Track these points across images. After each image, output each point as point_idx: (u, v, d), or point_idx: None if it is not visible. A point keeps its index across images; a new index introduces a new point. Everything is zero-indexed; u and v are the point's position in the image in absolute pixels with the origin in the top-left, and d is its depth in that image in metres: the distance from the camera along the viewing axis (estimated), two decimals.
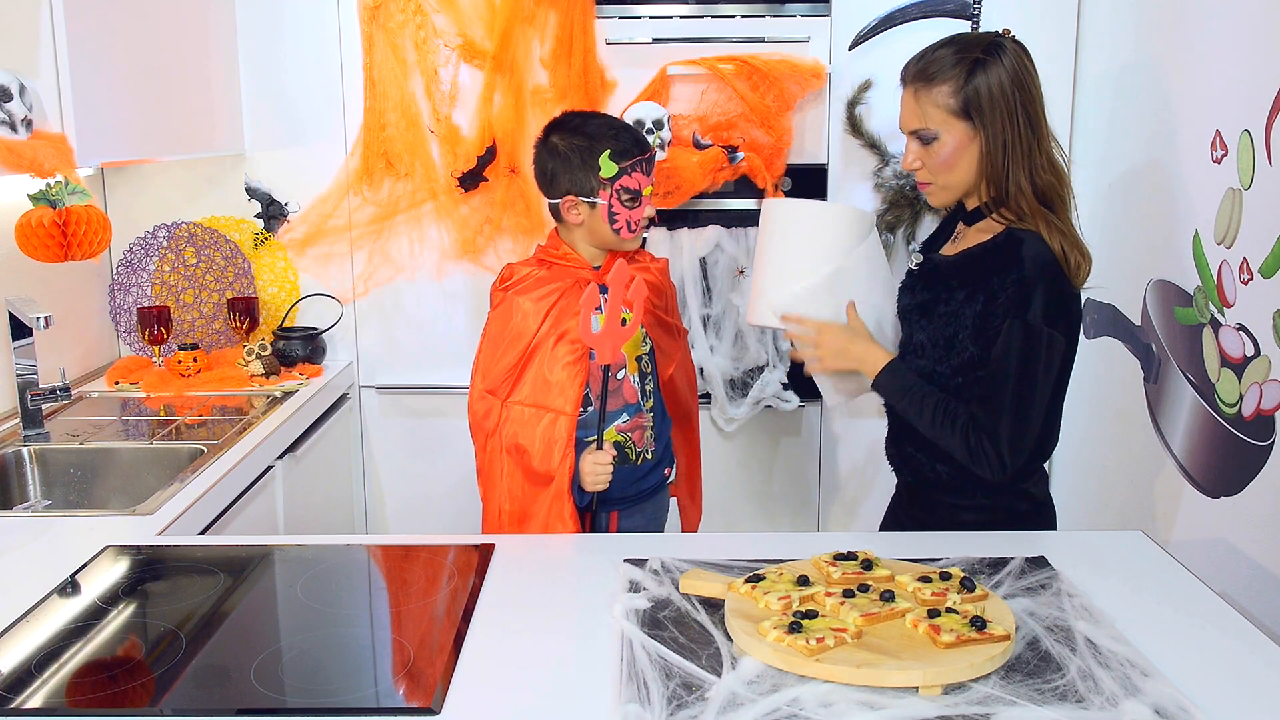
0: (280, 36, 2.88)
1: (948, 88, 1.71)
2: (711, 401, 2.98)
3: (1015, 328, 1.67)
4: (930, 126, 1.73)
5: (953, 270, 1.79)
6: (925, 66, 1.74)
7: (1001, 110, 1.69)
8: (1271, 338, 1.90)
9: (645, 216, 1.97)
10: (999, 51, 1.71)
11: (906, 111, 1.77)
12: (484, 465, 1.97)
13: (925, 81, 1.73)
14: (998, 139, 1.71)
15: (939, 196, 1.80)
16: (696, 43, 2.83)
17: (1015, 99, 1.70)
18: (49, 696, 1.27)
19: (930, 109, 1.73)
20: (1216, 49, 2.11)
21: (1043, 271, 1.67)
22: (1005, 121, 1.70)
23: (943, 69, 1.72)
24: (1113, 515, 2.60)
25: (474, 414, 1.98)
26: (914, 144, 1.78)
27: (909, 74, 1.77)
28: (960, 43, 1.74)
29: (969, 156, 1.74)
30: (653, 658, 1.31)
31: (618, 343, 1.85)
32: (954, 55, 1.72)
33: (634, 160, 1.93)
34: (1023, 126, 1.70)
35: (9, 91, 2.02)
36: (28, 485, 2.26)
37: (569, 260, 1.99)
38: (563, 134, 1.96)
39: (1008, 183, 1.72)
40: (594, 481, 1.90)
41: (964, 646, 1.29)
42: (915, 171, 1.80)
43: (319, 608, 1.50)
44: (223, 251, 2.98)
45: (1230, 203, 2.03)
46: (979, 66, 1.70)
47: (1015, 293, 1.67)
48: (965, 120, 1.71)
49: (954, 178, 1.76)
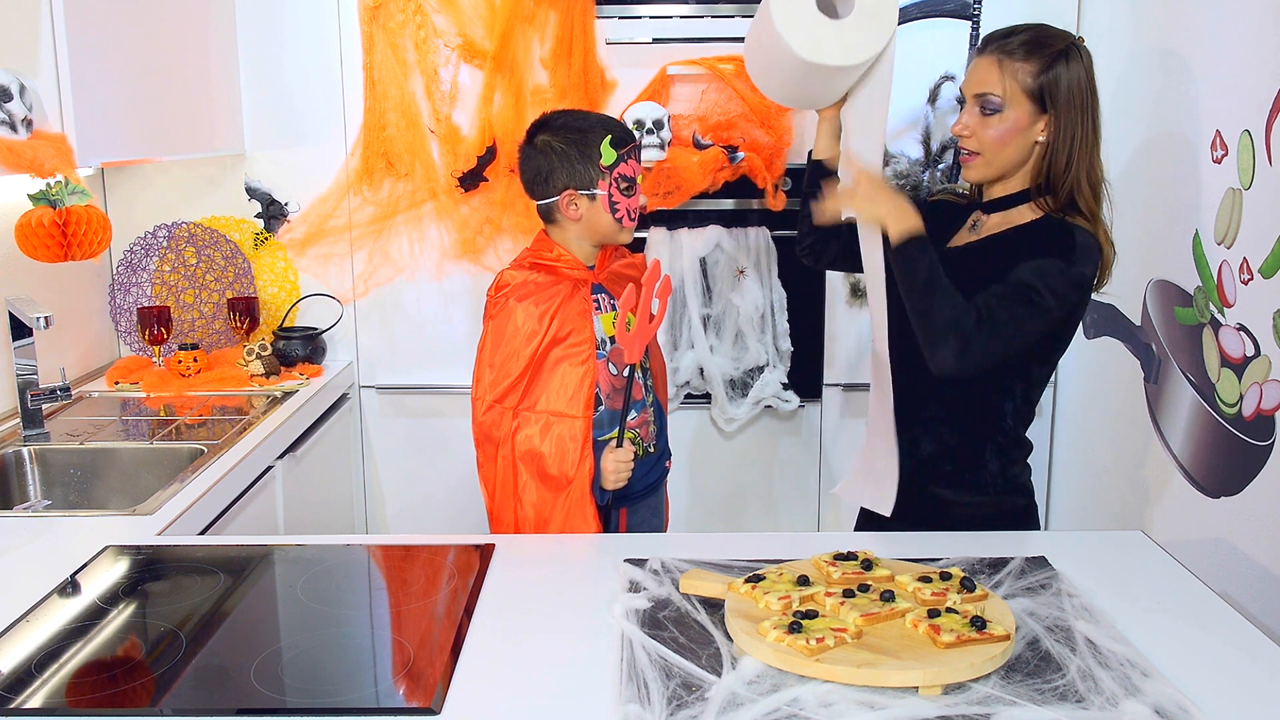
0: (280, 36, 2.88)
1: (1032, 66, 1.72)
2: (711, 401, 2.98)
3: (1056, 264, 1.67)
4: (1001, 96, 1.74)
5: (982, 252, 1.79)
6: (1010, 40, 1.75)
7: (1077, 105, 1.72)
8: (1271, 338, 1.90)
9: (640, 205, 1.99)
10: (1080, 51, 1.74)
11: (980, 75, 1.77)
12: (494, 476, 1.95)
13: (1007, 54, 1.74)
14: (1068, 132, 1.72)
15: (979, 170, 1.80)
16: (696, 43, 2.83)
17: (1087, 99, 1.73)
18: (49, 696, 1.27)
19: (1008, 80, 1.73)
20: (1216, 49, 2.11)
21: (1089, 255, 1.71)
22: (1078, 117, 1.72)
23: (1028, 47, 1.73)
24: (1113, 515, 2.60)
25: (481, 426, 1.94)
26: (974, 110, 1.77)
27: (994, 41, 1.77)
28: (1048, 31, 1.76)
29: (1023, 140, 1.75)
30: (653, 658, 1.31)
31: (644, 342, 1.88)
32: (1041, 39, 1.74)
33: (629, 147, 1.95)
34: (1089, 127, 1.74)
35: (9, 91, 2.02)
36: (28, 485, 2.26)
37: (563, 262, 1.98)
38: (551, 132, 1.95)
39: (1068, 176, 1.74)
40: (616, 479, 1.90)
41: (964, 646, 1.29)
42: (963, 139, 1.79)
43: (319, 608, 1.50)
44: (223, 251, 2.98)
45: (1230, 203, 2.03)
46: (1063, 57, 1.72)
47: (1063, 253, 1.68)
48: (1035, 104, 1.73)
49: (1003, 155, 1.77)
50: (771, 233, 2.91)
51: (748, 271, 2.89)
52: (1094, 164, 1.75)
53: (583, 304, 1.97)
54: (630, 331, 1.87)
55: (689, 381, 2.95)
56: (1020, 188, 1.80)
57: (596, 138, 1.92)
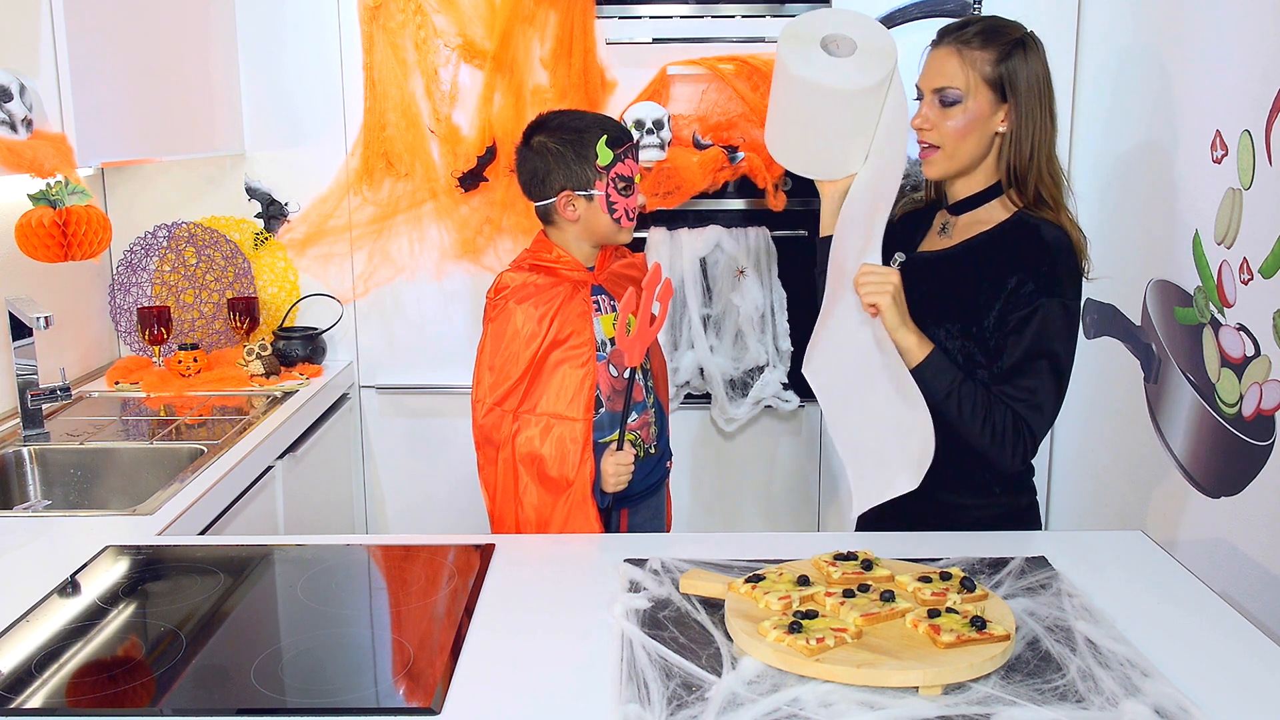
0: (280, 36, 2.88)
1: (990, 54, 1.71)
2: (711, 401, 2.98)
3: (1053, 308, 1.66)
4: (959, 87, 1.72)
5: (960, 260, 1.78)
6: (966, 30, 1.74)
7: (1035, 94, 1.71)
8: (1271, 338, 1.90)
9: (638, 204, 1.99)
10: (1037, 42, 1.74)
11: (938, 67, 1.75)
12: (494, 479, 1.95)
13: (964, 43, 1.73)
14: (1028, 121, 1.71)
15: (940, 166, 1.78)
16: (696, 43, 2.83)
17: (1044, 89, 1.72)
18: (49, 696, 1.27)
19: (968, 70, 1.72)
20: (1217, 49, 2.11)
21: (1066, 254, 1.69)
22: (1037, 106, 1.71)
23: (988, 36, 1.72)
24: (1113, 515, 2.60)
25: (482, 429, 1.94)
26: (933, 103, 1.76)
27: (950, 33, 1.76)
28: (1002, 21, 1.76)
29: (983, 131, 1.74)
30: (653, 658, 1.31)
31: (645, 345, 1.87)
32: (998, 27, 1.74)
33: (625, 146, 1.94)
34: (1047, 117, 1.73)
35: (9, 91, 2.02)
36: (28, 485, 2.26)
37: (563, 263, 1.98)
38: (548, 133, 1.95)
39: (1031, 166, 1.73)
40: (617, 481, 1.90)
41: (964, 646, 1.29)
42: (923, 133, 1.77)
43: (319, 608, 1.50)
44: (223, 251, 2.98)
45: (1230, 203, 2.03)
46: (1020, 46, 1.72)
47: (1047, 274, 1.67)
48: (995, 93, 1.72)
49: (963, 148, 1.75)
50: (771, 233, 2.91)
51: (748, 271, 2.89)
52: (1052, 154, 1.74)
53: (582, 306, 1.97)
54: (631, 335, 1.87)
55: (689, 382, 2.94)
56: (984, 185, 1.78)
57: (592, 138, 1.91)
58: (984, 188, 1.79)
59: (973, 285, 1.73)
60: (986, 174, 1.78)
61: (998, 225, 1.75)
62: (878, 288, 1.67)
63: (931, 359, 1.70)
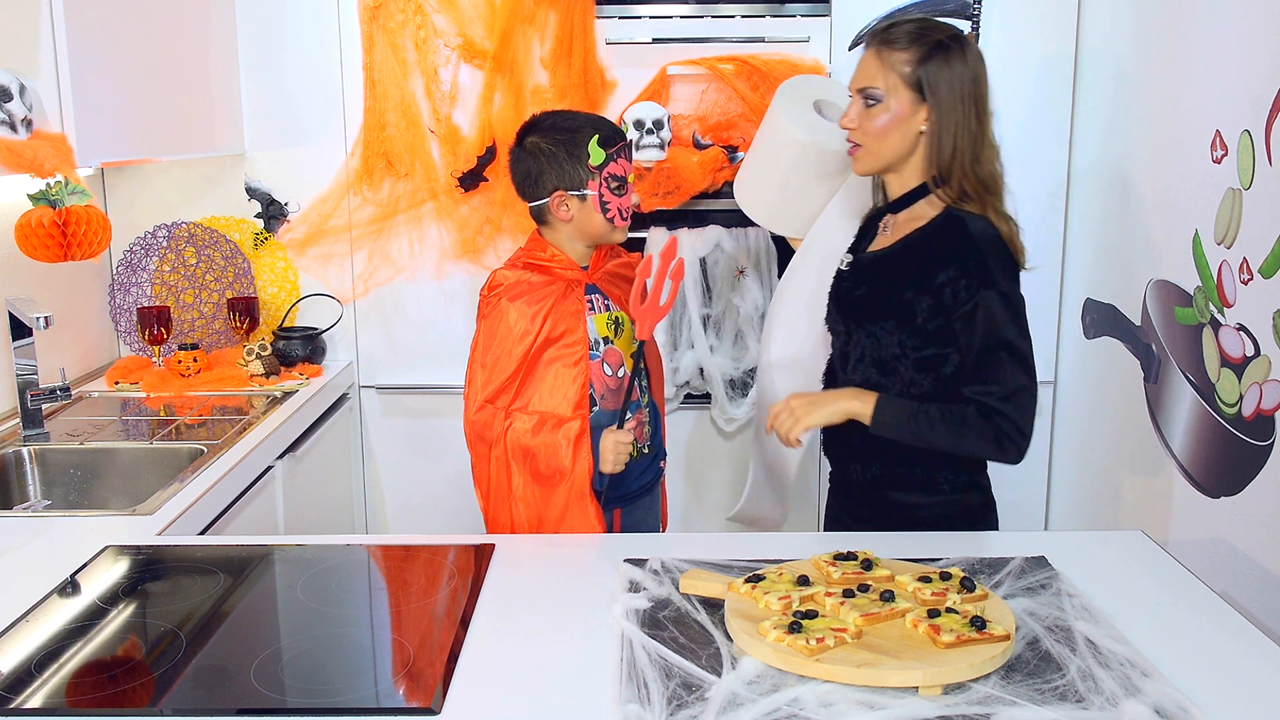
0: (280, 36, 2.88)
1: (910, 55, 1.74)
2: (711, 401, 2.98)
3: (992, 299, 1.69)
4: (879, 88, 1.76)
5: (896, 258, 1.80)
6: (890, 32, 1.77)
7: (958, 96, 1.73)
8: (1271, 338, 1.90)
9: (632, 203, 1.99)
10: (964, 44, 1.75)
11: (862, 69, 1.80)
12: (486, 476, 1.94)
13: (888, 45, 1.76)
14: (949, 122, 1.73)
15: (864, 162, 1.82)
16: (696, 43, 2.83)
17: (969, 91, 1.74)
18: (49, 696, 1.27)
19: (887, 71, 1.76)
20: (1216, 49, 2.11)
21: (994, 245, 1.72)
22: (959, 108, 1.73)
23: (907, 38, 1.75)
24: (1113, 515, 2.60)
25: (474, 425, 1.93)
26: (858, 103, 1.80)
27: (876, 34, 1.80)
28: (929, 23, 1.78)
29: (904, 131, 1.77)
30: (653, 658, 1.31)
31: (655, 320, 1.88)
32: (921, 29, 1.76)
33: (618, 146, 1.94)
34: (971, 119, 1.74)
35: (9, 91, 2.02)
36: (28, 485, 2.26)
37: (557, 262, 1.98)
38: (540, 133, 1.95)
39: (954, 165, 1.75)
40: (616, 459, 1.90)
41: (964, 646, 1.29)
42: (851, 133, 1.82)
43: (319, 608, 1.50)
44: (223, 251, 2.98)
45: (1230, 203, 2.03)
46: (942, 49, 1.74)
47: (976, 267, 1.69)
48: (914, 92, 1.75)
49: (885, 146, 1.78)
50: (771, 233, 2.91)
51: (748, 271, 2.89)
52: (981, 156, 1.75)
53: (576, 304, 1.97)
54: (644, 305, 1.87)
55: (689, 381, 2.94)
56: (915, 183, 1.81)
57: (584, 138, 1.91)
58: (914, 186, 1.82)
59: (906, 281, 1.76)
60: (916, 172, 1.81)
61: (929, 222, 1.78)
62: (791, 423, 1.77)
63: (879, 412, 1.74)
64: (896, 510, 1.84)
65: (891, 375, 1.79)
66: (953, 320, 1.71)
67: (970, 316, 1.70)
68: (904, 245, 1.79)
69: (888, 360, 1.80)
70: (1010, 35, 2.77)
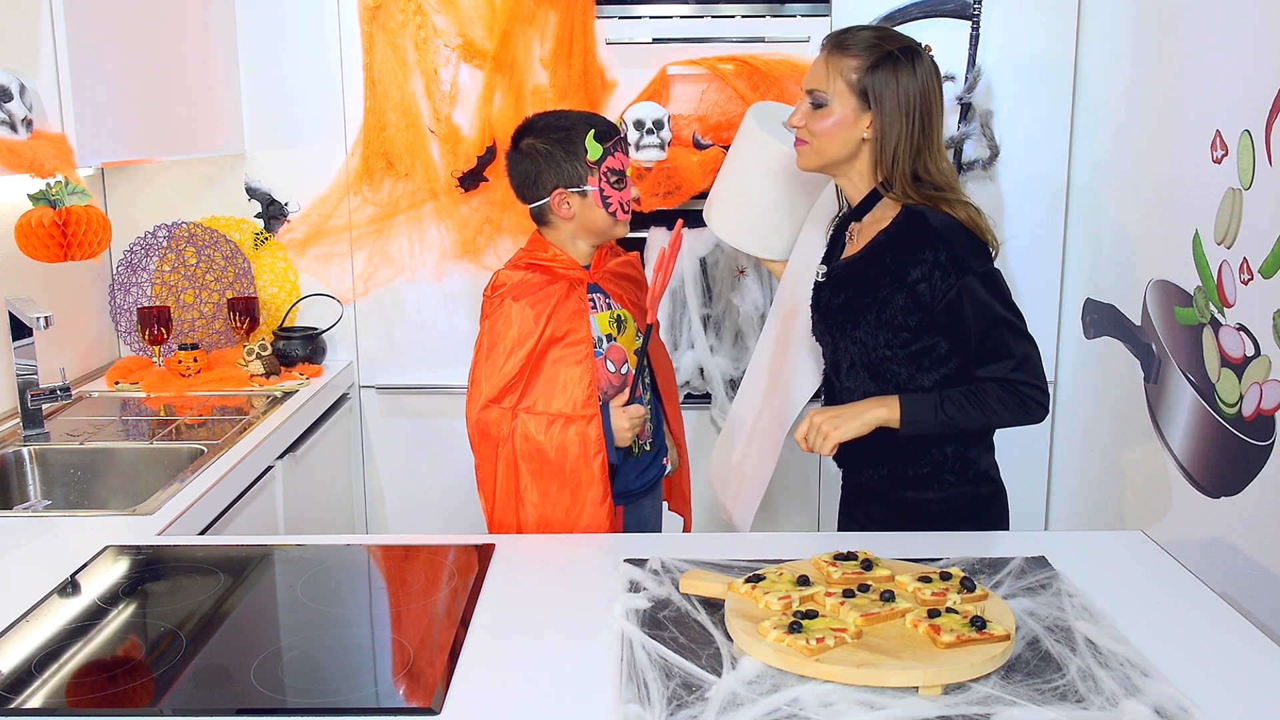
0: (280, 36, 2.88)
1: (856, 63, 1.77)
2: (711, 401, 2.98)
3: (973, 284, 1.72)
4: (825, 91, 1.79)
5: (866, 262, 1.82)
6: (844, 38, 1.81)
7: (903, 108, 1.76)
8: (1271, 338, 1.90)
9: (632, 197, 1.99)
10: (915, 57, 1.78)
11: (812, 71, 1.84)
12: (493, 476, 1.93)
13: (839, 50, 1.79)
14: (891, 132, 1.76)
15: (807, 158, 1.86)
16: (696, 43, 2.83)
17: (915, 103, 1.76)
18: (49, 696, 1.27)
19: (833, 77, 1.79)
20: (1216, 49, 2.11)
21: (957, 233, 1.74)
22: (903, 118, 1.76)
23: (859, 46, 1.78)
24: (1113, 515, 2.60)
25: (478, 425, 1.92)
26: (805, 104, 1.83)
27: (829, 38, 1.83)
28: (885, 34, 1.81)
29: (848, 136, 1.80)
30: (653, 658, 1.31)
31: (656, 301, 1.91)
32: (874, 39, 1.79)
33: (614, 140, 1.95)
34: (915, 130, 1.77)
35: (9, 91, 2.02)
36: (28, 485, 2.26)
37: (559, 261, 1.98)
38: (535, 135, 1.95)
39: (895, 172, 1.78)
40: (632, 431, 1.92)
41: (964, 646, 1.29)
42: (798, 130, 1.85)
43: (319, 608, 1.50)
44: (223, 251, 2.98)
45: (1230, 203, 2.03)
46: (890, 60, 1.76)
47: (948, 259, 1.72)
48: (860, 100, 1.77)
49: (829, 147, 1.82)
50: None
51: (748, 271, 2.89)
52: (930, 166, 1.78)
53: (579, 303, 1.97)
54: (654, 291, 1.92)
55: (689, 381, 2.95)
56: (868, 187, 1.84)
57: (580, 134, 1.92)
58: (869, 191, 1.84)
59: (879, 281, 1.78)
60: (865, 177, 1.84)
61: (891, 222, 1.80)
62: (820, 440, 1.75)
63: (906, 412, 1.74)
64: (909, 508, 1.85)
65: (884, 378, 1.81)
66: (935, 313, 1.74)
67: (956, 306, 1.72)
68: (871, 249, 1.82)
69: (878, 363, 1.82)
70: (1010, 35, 2.77)
